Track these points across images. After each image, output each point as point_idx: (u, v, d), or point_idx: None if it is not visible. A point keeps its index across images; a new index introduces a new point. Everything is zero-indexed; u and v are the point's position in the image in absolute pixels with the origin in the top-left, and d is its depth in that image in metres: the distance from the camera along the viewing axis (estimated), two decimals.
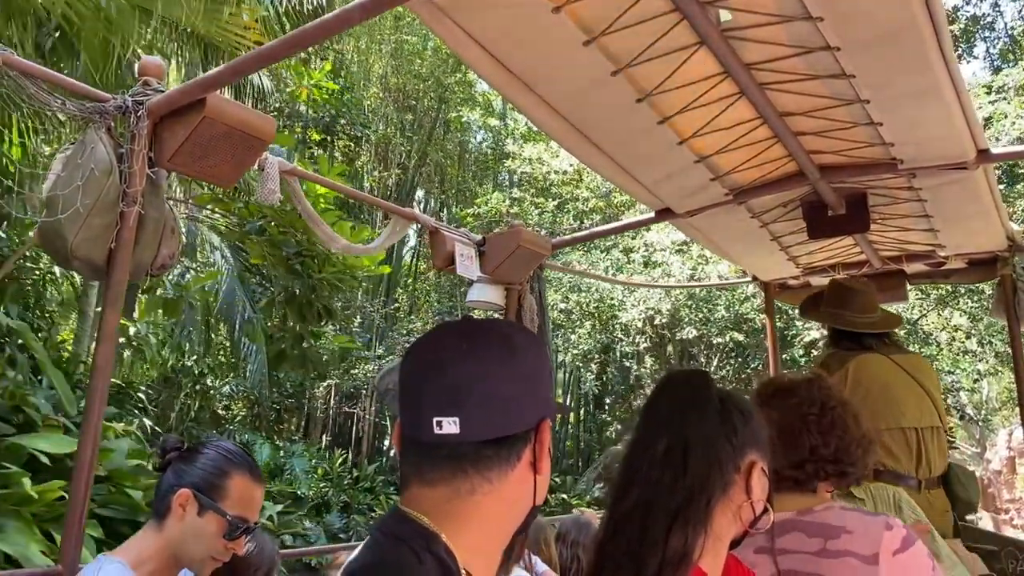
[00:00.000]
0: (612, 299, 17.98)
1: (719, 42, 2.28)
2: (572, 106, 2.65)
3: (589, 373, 20.91)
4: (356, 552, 0.97)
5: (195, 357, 14.61)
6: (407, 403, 0.99)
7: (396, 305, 22.49)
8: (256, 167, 2.90)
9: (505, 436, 0.96)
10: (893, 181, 3.24)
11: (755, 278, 5.08)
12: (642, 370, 20.44)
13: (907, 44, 2.15)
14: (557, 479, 19.31)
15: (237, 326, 14.21)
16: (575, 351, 19.65)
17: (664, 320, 17.51)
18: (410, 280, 24.09)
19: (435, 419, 0.94)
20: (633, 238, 17.39)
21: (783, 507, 1.70)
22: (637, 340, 19.54)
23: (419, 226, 3.86)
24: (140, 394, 11.11)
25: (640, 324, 17.94)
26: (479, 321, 1.02)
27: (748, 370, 18.72)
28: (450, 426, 0.93)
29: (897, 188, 3.33)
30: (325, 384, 20.14)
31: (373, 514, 15.17)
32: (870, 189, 3.39)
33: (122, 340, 11.46)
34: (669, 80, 2.47)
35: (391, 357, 18.63)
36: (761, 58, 2.40)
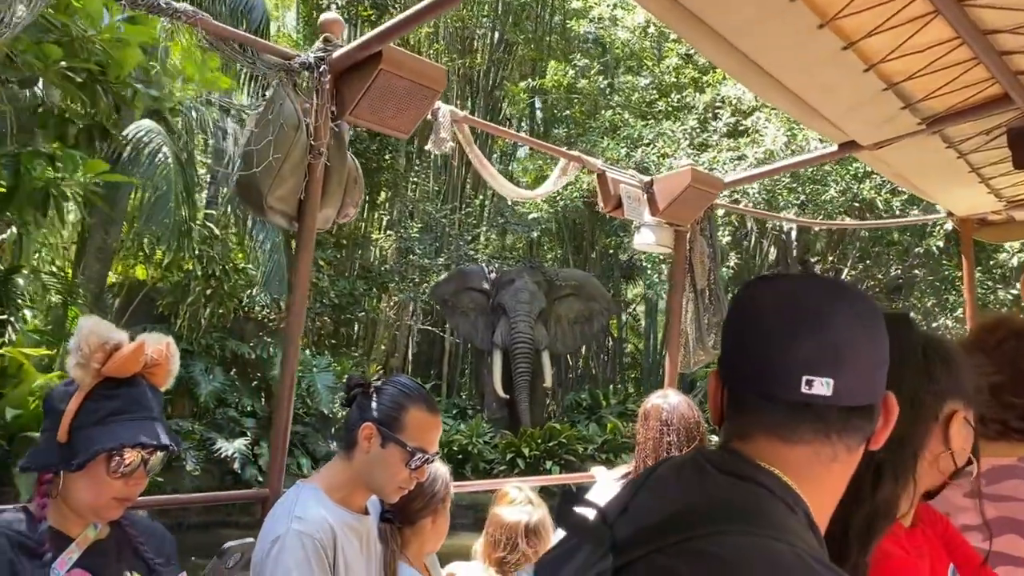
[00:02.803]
0: None
1: None
2: (746, 36, 2.53)
3: (658, 276, 16.63)
4: (669, 489, 0.91)
5: (181, 254, 13.19)
6: (759, 352, 0.91)
7: (468, 210, 19.81)
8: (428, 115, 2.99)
9: (870, 404, 0.92)
10: None
11: (950, 214, 4.70)
12: (724, 270, 16.24)
13: None
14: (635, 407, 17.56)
15: (250, 219, 13.39)
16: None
17: (754, 205, 13.68)
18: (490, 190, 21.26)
19: (805, 377, 0.87)
20: (707, 94, 14.43)
21: (1004, 453, 1.65)
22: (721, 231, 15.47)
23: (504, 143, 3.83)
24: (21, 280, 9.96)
25: (721, 211, 14.25)
26: (839, 280, 0.96)
27: (880, 275, 15.25)
28: (822, 387, 0.87)
29: None
30: (396, 299, 18.32)
31: None
32: None
33: None
34: (854, 2, 2.30)
35: (460, 266, 17.06)
36: None
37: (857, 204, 13.47)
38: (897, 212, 13.16)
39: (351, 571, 1.88)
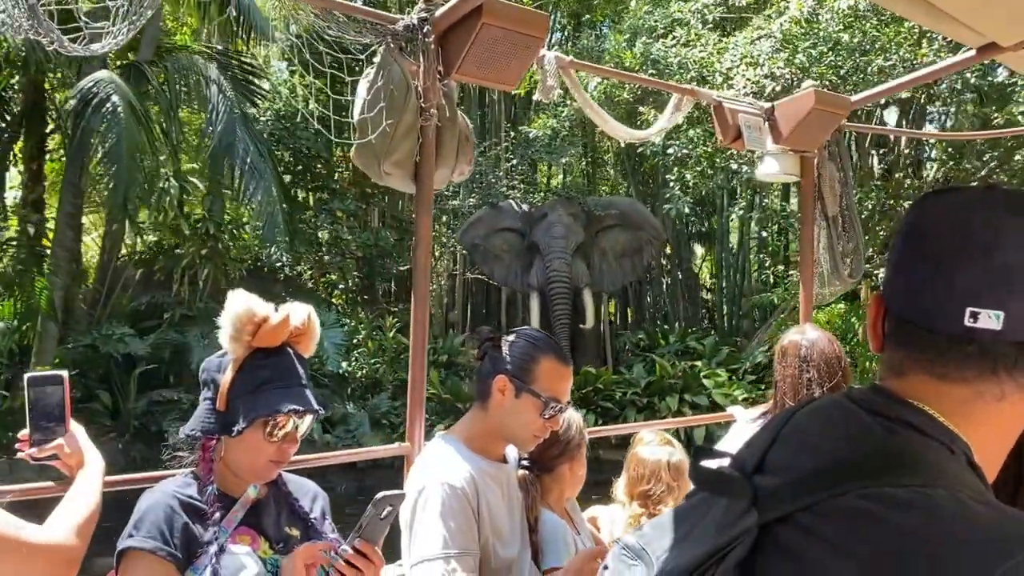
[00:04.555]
0: (699, 65, 11.69)
1: None
2: None
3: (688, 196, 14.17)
4: (811, 437, 0.84)
5: (156, 213, 12.58)
6: (920, 278, 0.83)
7: (506, 144, 16.86)
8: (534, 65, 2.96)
9: None
10: None
11: None
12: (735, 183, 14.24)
13: None
14: (701, 343, 15.59)
15: (238, 171, 12.53)
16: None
17: (779, 88, 10.71)
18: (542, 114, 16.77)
19: (970, 309, 0.78)
20: None
21: None
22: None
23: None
24: None
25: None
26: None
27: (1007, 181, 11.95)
28: (988, 320, 0.77)
29: None
30: (441, 250, 16.41)
31: (431, 392, 12.64)
32: None
33: None
34: None
35: (488, 205, 15.24)
36: None
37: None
38: (973, 80, 10.77)
39: (494, 517, 1.94)
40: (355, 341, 14.00)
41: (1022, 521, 0.71)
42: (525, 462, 2.24)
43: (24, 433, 1.61)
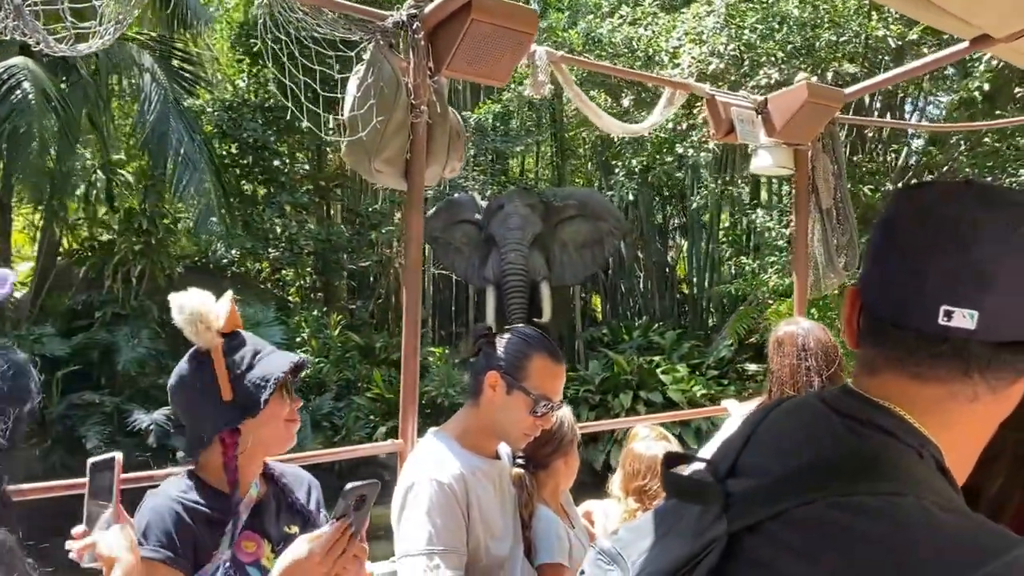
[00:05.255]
0: (645, 45, 11.31)
1: None
2: None
3: (633, 183, 13.99)
4: (784, 441, 0.83)
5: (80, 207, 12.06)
6: (893, 274, 0.81)
7: (468, 134, 15.34)
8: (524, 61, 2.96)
9: None
10: None
11: None
12: (703, 173, 13.82)
13: None
14: (660, 338, 15.05)
15: (171, 163, 11.98)
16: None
17: (724, 66, 10.28)
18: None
19: (943, 307, 0.75)
20: None
21: None
22: (679, 117, 10.99)
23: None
24: None
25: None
26: (1001, 188, 0.82)
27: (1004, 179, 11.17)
28: (963, 319, 0.75)
29: None
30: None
31: (368, 394, 12.67)
32: None
33: None
34: None
35: (448, 197, 14.85)
36: None
37: (870, 47, 10.29)
38: (915, 39, 10.27)
39: (485, 514, 1.94)
40: (299, 340, 13.39)
41: (989, 531, 0.71)
42: (520, 460, 2.24)
43: (79, 530, 1.45)
